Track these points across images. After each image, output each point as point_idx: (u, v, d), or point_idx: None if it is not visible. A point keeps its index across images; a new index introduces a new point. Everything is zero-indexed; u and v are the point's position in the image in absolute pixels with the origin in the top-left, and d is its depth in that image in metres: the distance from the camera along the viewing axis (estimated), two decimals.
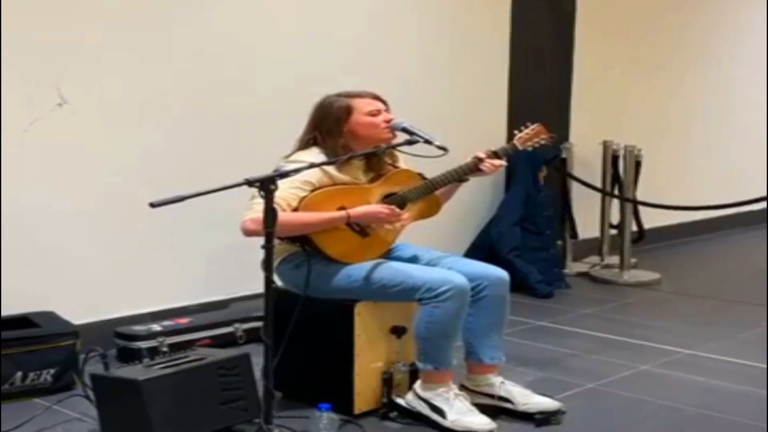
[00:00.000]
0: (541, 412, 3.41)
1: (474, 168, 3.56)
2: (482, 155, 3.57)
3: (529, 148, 3.78)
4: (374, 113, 3.50)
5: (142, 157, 4.34)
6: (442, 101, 5.58)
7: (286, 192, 3.23)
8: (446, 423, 3.28)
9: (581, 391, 3.83)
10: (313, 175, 3.34)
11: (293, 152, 3.50)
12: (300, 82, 4.67)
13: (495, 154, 3.61)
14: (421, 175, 3.61)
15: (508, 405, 3.45)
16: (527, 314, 5.03)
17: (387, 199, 3.50)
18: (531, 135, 3.74)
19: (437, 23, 5.62)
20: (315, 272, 3.33)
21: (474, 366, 3.52)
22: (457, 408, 3.30)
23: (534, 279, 5.58)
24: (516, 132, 3.78)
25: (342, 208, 3.36)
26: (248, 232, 3.26)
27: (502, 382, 3.49)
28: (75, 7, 4.09)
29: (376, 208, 3.40)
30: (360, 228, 3.41)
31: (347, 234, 3.39)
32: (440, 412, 3.30)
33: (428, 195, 3.55)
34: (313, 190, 3.35)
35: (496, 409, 3.44)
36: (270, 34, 4.77)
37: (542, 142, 3.78)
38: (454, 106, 5.67)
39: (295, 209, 3.31)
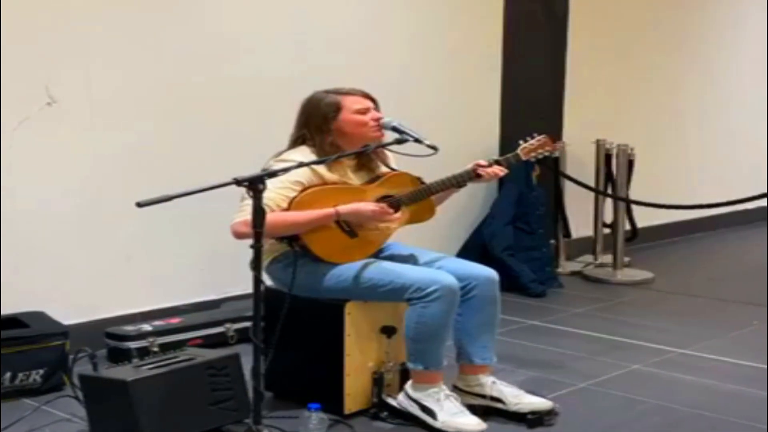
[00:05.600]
0: (533, 412, 3.39)
1: (473, 175, 3.53)
2: (483, 162, 3.54)
3: (532, 159, 3.76)
4: (362, 111, 3.48)
5: (132, 156, 4.32)
6: (435, 100, 5.57)
7: (274, 193, 3.22)
8: (437, 424, 3.27)
9: (573, 390, 3.82)
10: (303, 175, 3.33)
11: (284, 151, 3.49)
12: (291, 80, 4.64)
13: (497, 163, 3.58)
14: (419, 180, 3.58)
15: (499, 405, 3.43)
16: (520, 313, 5.02)
17: (381, 201, 3.48)
18: (536, 146, 3.69)
19: (431, 24, 5.61)
20: (305, 272, 3.32)
21: (465, 367, 3.51)
22: (448, 408, 3.29)
23: (527, 278, 5.58)
24: (521, 142, 3.72)
25: (335, 207, 3.35)
26: (239, 235, 3.25)
27: (493, 382, 3.47)
28: (64, 7, 4.07)
29: (365, 205, 3.37)
30: (349, 228, 3.39)
31: (336, 234, 3.37)
32: (430, 413, 3.29)
33: (423, 200, 3.54)
34: (303, 190, 3.34)
35: (487, 409, 3.43)
36: (261, 33, 4.75)
37: (546, 153, 3.74)
38: (447, 106, 5.66)
39: (285, 210, 3.30)
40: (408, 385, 3.39)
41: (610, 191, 6.30)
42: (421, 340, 3.30)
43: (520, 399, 3.43)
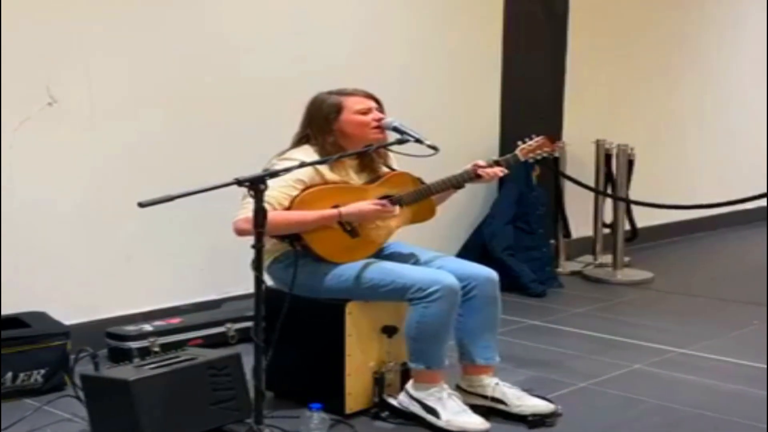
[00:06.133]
0: (534, 414, 3.40)
1: (473, 175, 3.54)
2: (483, 163, 3.55)
3: (531, 160, 3.77)
4: (364, 112, 3.49)
5: (132, 156, 4.32)
6: (435, 100, 5.57)
7: (277, 191, 3.24)
8: (440, 423, 3.27)
9: (573, 390, 3.83)
10: (305, 174, 3.34)
11: (287, 150, 3.50)
12: (292, 80, 4.66)
13: (497, 164, 3.59)
14: (420, 180, 3.60)
15: (502, 407, 3.43)
16: (520, 313, 5.03)
17: (382, 200, 3.49)
18: (534, 147, 3.72)
19: (431, 24, 5.61)
20: (306, 272, 3.33)
21: (468, 367, 3.52)
22: (451, 408, 3.29)
23: (527, 278, 5.58)
24: (519, 143, 3.75)
25: (337, 206, 3.36)
26: (240, 232, 3.25)
27: (496, 384, 3.47)
28: (65, 6, 4.07)
29: (366, 204, 3.38)
30: (351, 228, 3.40)
31: (337, 233, 3.38)
32: (434, 413, 3.29)
33: (424, 199, 3.54)
34: (304, 189, 3.35)
35: (489, 410, 3.42)
36: (261, 33, 4.75)
37: (545, 154, 3.76)
38: (447, 106, 5.67)
39: (287, 209, 3.30)
40: (409, 385, 3.39)
41: (609, 191, 6.30)
42: (422, 340, 3.31)
43: (523, 401, 3.43)
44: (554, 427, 3.39)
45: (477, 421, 3.27)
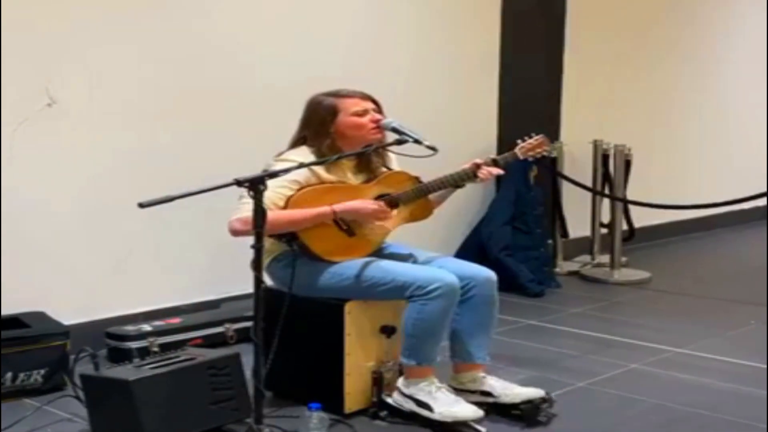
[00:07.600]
0: (526, 401, 3.41)
1: (472, 174, 3.54)
2: (480, 162, 3.56)
3: (530, 159, 3.79)
4: (360, 113, 3.49)
5: (132, 157, 4.33)
6: (432, 101, 5.58)
7: (271, 192, 3.23)
8: (434, 416, 3.28)
9: (571, 389, 3.84)
10: (301, 175, 3.34)
11: (284, 151, 3.51)
12: (291, 81, 4.66)
13: (495, 162, 3.59)
14: (417, 179, 3.60)
15: (491, 399, 3.44)
16: (518, 313, 5.04)
17: (379, 199, 3.50)
18: (533, 145, 3.73)
19: (428, 24, 5.62)
20: (305, 271, 3.34)
21: (459, 365, 3.53)
22: (442, 399, 3.31)
23: (524, 278, 5.59)
24: (518, 141, 3.76)
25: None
26: (235, 233, 3.26)
27: (483, 377, 3.49)
28: (65, 7, 4.08)
29: (361, 202, 3.38)
30: (347, 226, 3.41)
31: (334, 232, 3.39)
32: (427, 407, 3.31)
33: (421, 198, 3.55)
34: (300, 189, 3.36)
35: (481, 405, 3.41)
36: (261, 34, 4.76)
37: (543, 153, 3.78)
38: (445, 106, 5.68)
39: (282, 209, 3.31)
40: (400, 382, 3.41)
41: (607, 191, 6.31)
42: (417, 336, 3.32)
43: (511, 390, 3.45)
44: (552, 426, 3.40)
45: (470, 409, 3.28)
